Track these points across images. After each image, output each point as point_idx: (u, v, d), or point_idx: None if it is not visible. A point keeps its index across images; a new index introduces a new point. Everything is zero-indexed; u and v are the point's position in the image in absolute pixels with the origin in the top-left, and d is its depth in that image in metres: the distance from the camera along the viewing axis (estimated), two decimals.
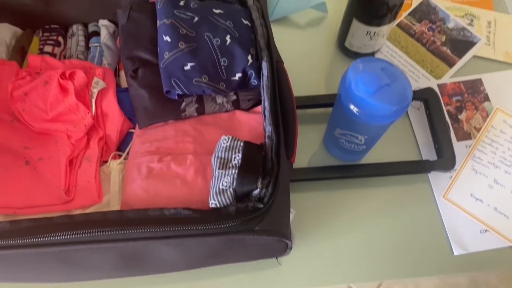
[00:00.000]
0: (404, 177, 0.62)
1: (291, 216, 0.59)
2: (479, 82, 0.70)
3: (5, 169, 0.51)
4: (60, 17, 0.62)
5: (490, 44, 0.73)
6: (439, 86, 0.69)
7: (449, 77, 0.70)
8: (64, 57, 0.61)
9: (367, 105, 0.48)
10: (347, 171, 0.62)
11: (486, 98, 0.68)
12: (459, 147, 0.64)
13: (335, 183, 0.62)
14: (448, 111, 0.67)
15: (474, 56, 0.72)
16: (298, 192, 0.60)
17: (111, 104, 0.55)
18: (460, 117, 0.67)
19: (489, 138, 0.65)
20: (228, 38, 0.53)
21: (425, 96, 0.65)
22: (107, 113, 0.55)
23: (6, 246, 0.38)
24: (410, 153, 0.65)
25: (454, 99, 0.68)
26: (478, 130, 0.66)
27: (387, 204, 0.61)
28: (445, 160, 0.61)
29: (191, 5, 0.54)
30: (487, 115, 0.67)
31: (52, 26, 0.63)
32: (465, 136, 0.65)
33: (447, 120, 0.66)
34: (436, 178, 0.62)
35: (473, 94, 0.69)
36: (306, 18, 0.76)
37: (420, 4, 0.76)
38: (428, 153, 0.64)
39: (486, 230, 0.59)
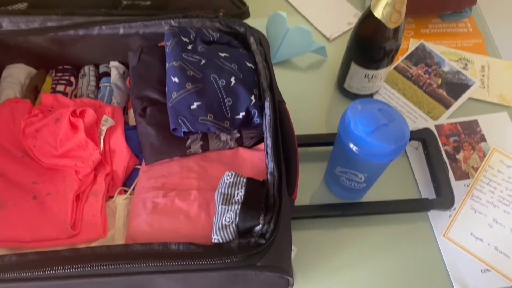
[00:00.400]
0: (404, 216, 0.63)
1: (293, 253, 0.59)
2: (475, 123, 0.72)
3: (13, 203, 0.52)
4: (73, 59, 0.65)
5: (484, 87, 0.75)
6: (436, 126, 0.71)
7: (446, 118, 0.72)
8: (75, 96, 0.64)
9: (366, 144, 0.50)
10: (348, 209, 0.63)
11: (483, 139, 0.70)
12: (457, 186, 0.65)
13: (336, 221, 0.63)
14: (446, 151, 0.69)
15: (470, 98, 0.74)
16: (300, 230, 0.61)
17: (119, 141, 0.57)
18: (457, 157, 0.68)
19: (487, 178, 0.66)
20: (233, 79, 0.55)
21: (423, 136, 0.67)
22: (115, 149, 0.56)
23: (12, 279, 0.39)
24: (410, 192, 0.66)
25: (451, 139, 0.70)
26: (476, 169, 0.67)
27: (388, 242, 0.62)
28: (444, 199, 0.62)
29: (199, 49, 0.57)
30: (484, 155, 0.68)
31: (65, 66, 0.66)
32: (463, 175, 0.67)
33: (445, 159, 0.67)
34: (436, 217, 0.63)
35: (470, 134, 0.71)
36: (307, 61, 0.79)
37: (416, 48, 0.79)
38: (427, 192, 0.65)
39: (488, 270, 0.59)
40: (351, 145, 0.51)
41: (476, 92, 0.75)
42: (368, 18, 0.60)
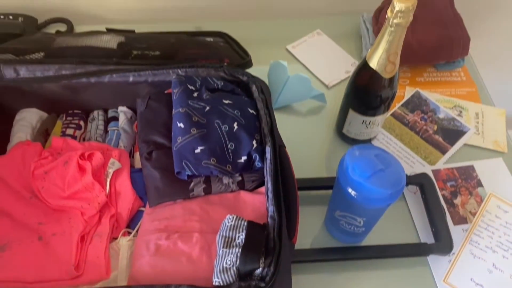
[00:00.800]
0: (404, 260, 0.63)
1: None
2: (471, 168, 0.73)
3: (19, 244, 0.53)
4: (84, 104, 0.68)
5: (479, 134, 0.78)
6: (433, 171, 0.73)
7: (442, 163, 0.74)
8: (84, 139, 0.66)
9: (363, 188, 0.51)
10: (348, 253, 0.63)
11: (479, 184, 0.72)
12: (456, 231, 0.66)
13: (336, 265, 0.63)
14: (443, 196, 0.70)
15: (465, 144, 0.77)
16: (300, 274, 0.61)
17: (124, 183, 0.58)
18: (455, 201, 0.70)
19: (484, 223, 0.67)
20: (235, 125, 0.58)
21: (421, 181, 0.69)
22: (120, 192, 0.58)
23: None
24: (409, 236, 0.66)
25: (448, 184, 0.72)
26: (474, 214, 0.68)
27: (389, 287, 0.62)
28: (443, 244, 0.63)
29: (204, 96, 0.60)
30: (481, 200, 0.70)
31: (75, 111, 0.69)
32: (461, 220, 0.68)
33: (443, 204, 0.69)
34: (436, 261, 0.63)
35: (467, 179, 0.72)
36: (307, 107, 0.82)
37: (412, 96, 0.83)
38: (426, 236, 0.66)
39: None
40: (350, 190, 0.53)
41: (471, 138, 0.77)
42: (364, 68, 0.63)
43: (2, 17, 0.86)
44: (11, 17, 0.87)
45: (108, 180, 0.58)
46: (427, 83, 0.85)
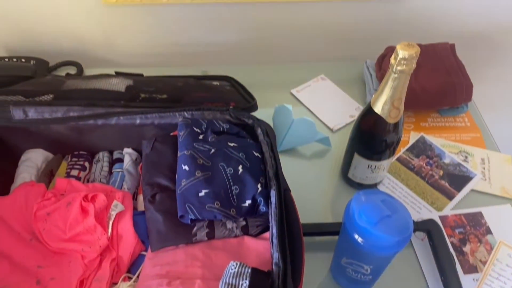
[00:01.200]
0: None
1: None
2: (479, 215, 0.72)
3: None
4: (90, 145, 0.68)
5: (486, 179, 0.77)
6: (440, 217, 0.72)
7: (450, 209, 0.73)
8: (88, 181, 0.66)
9: (370, 235, 0.50)
10: None
11: (488, 231, 0.70)
12: (466, 280, 0.64)
13: None
14: (452, 243, 0.68)
15: (472, 190, 0.76)
16: None
17: (126, 226, 0.57)
18: (464, 249, 0.68)
19: (495, 272, 0.65)
20: (240, 168, 0.58)
21: (428, 228, 0.67)
22: (122, 235, 0.57)
23: None
24: (417, 285, 0.64)
25: (456, 231, 0.70)
26: (484, 263, 0.66)
27: None
28: None
29: (209, 139, 0.60)
30: (491, 248, 0.68)
31: (81, 152, 0.70)
32: (471, 269, 0.66)
33: (452, 252, 0.67)
34: None
35: (475, 226, 0.71)
36: (312, 150, 0.82)
37: (417, 141, 0.83)
38: (436, 285, 0.64)
39: None
40: (356, 236, 0.51)
41: (478, 184, 0.76)
42: (368, 113, 0.64)
43: (15, 60, 0.89)
44: (23, 60, 0.90)
45: (111, 222, 0.57)
46: (432, 128, 0.85)
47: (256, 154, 0.60)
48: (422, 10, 0.95)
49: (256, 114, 0.66)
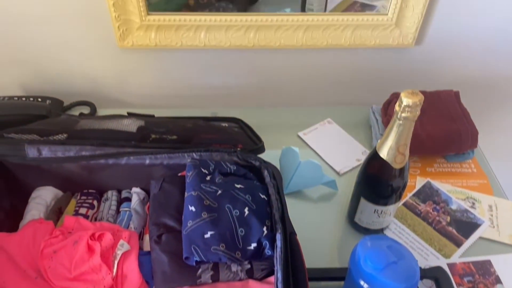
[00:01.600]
0: None
1: None
2: (488, 263, 0.71)
3: None
4: (99, 183, 0.69)
5: (494, 227, 0.76)
6: (448, 265, 0.70)
7: (458, 256, 0.72)
8: (96, 219, 0.67)
9: (376, 281, 0.50)
10: None
11: (498, 280, 0.69)
12: None
13: None
14: None
15: (480, 237, 0.75)
16: None
17: (132, 266, 0.57)
18: None
19: None
20: (246, 210, 0.58)
21: (436, 275, 0.66)
22: (127, 275, 0.57)
23: None
24: None
25: (465, 279, 0.69)
26: None
27: None
28: None
29: (216, 180, 0.61)
30: None
31: (90, 190, 0.71)
32: None
33: None
34: None
35: (484, 275, 0.69)
36: (318, 193, 0.82)
37: (423, 186, 0.83)
38: None
39: None
40: (362, 282, 0.51)
41: (486, 232, 0.75)
42: (374, 157, 0.65)
43: (32, 99, 0.92)
44: (40, 99, 0.93)
45: (116, 262, 0.57)
46: (438, 174, 0.86)
47: (263, 196, 0.61)
48: (426, 58, 0.98)
49: (263, 155, 0.67)
